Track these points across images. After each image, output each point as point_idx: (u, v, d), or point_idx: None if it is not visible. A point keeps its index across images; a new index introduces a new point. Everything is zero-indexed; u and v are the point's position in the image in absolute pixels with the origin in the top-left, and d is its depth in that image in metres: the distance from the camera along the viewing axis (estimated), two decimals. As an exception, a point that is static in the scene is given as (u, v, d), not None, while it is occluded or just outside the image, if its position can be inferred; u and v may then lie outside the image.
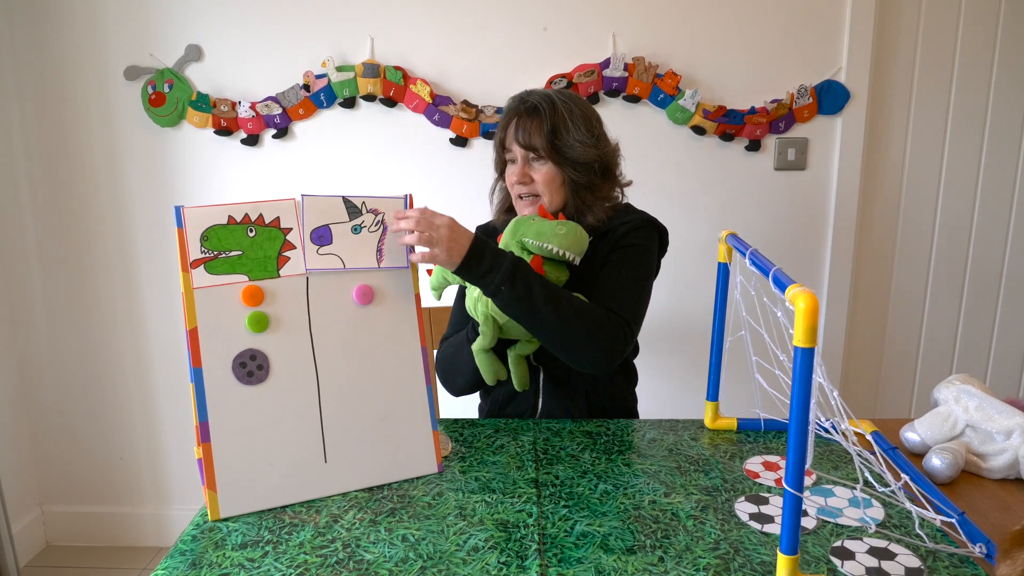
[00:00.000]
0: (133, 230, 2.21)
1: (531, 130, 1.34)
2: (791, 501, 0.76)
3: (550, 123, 1.34)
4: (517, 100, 1.39)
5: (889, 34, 2.10)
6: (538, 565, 0.88)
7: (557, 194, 1.38)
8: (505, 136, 1.38)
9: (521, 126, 1.35)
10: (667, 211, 1.68)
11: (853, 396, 2.33)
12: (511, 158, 1.39)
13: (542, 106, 1.35)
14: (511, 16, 2.05)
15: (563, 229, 1.23)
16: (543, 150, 1.34)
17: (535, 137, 1.34)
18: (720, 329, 1.21)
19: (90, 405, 2.33)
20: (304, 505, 1.02)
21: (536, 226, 1.25)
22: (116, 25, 2.07)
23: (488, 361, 1.30)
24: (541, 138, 1.34)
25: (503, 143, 1.40)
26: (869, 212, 2.21)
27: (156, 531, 2.41)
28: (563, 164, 1.36)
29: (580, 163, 1.36)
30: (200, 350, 1.00)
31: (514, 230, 1.28)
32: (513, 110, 1.38)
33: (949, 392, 1.20)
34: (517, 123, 1.36)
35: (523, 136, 1.35)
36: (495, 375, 1.31)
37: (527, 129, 1.34)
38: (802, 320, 0.71)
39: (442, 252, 1.12)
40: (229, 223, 1.03)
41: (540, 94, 1.38)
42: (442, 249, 1.12)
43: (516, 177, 1.37)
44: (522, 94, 1.41)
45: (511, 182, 1.39)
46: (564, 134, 1.34)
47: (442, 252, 1.12)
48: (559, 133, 1.34)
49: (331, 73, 2.05)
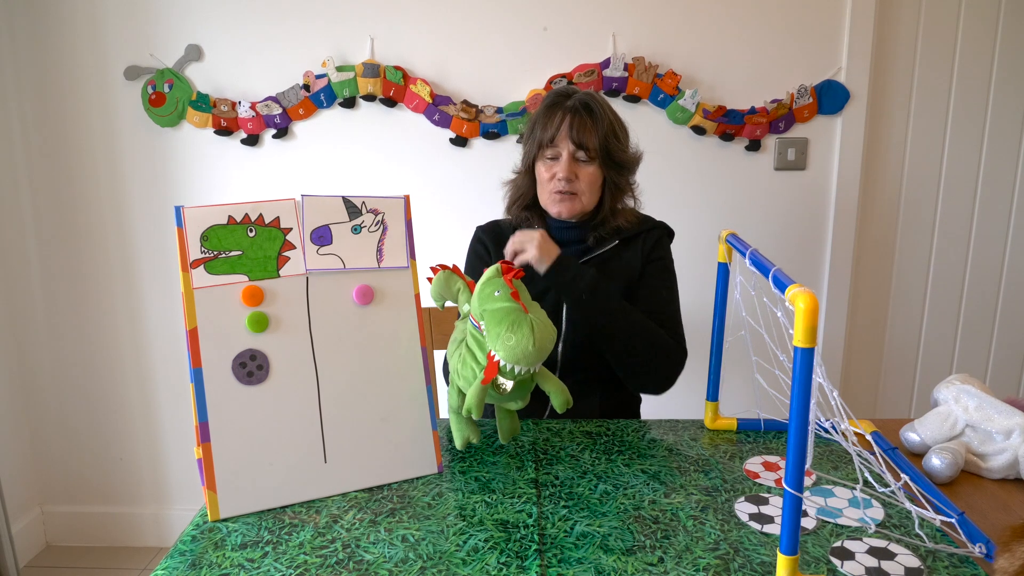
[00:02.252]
0: (133, 230, 2.21)
1: (586, 130, 1.35)
2: (791, 501, 0.76)
3: (606, 125, 1.36)
4: (562, 96, 1.39)
5: (889, 34, 2.10)
6: (538, 565, 0.88)
7: (595, 195, 1.41)
8: (556, 133, 1.37)
9: (576, 125, 1.35)
10: (667, 211, 1.68)
11: (853, 396, 2.33)
12: (554, 155, 1.39)
13: (595, 107, 1.36)
14: (511, 16, 2.05)
15: (512, 340, 0.99)
16: (594, 151, 1.36)
17: (590, 137, 1.35)
18: (720, 329, 1.21)
19: (90, 405, 2.33)
20: (304, 505, 1.02)
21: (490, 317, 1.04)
22: (116, 25, 2.07)
23: (458, 424, 1.14)
24: (595, 139, 1.36)
25: (550, 140, 1.38)
26: (869, 212, 2.21)
27: (156, 531, 2.41)
28: (609, 167, 1.39)
29: (624, 167, 1.41)
30: (200, 350, 1.00)
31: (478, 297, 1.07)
32: (562, 107, 1.37)
33: (949, 392, 1.20)
34: (572, 121, 1.36)
35: (577, 135, 1.35)
36: (464, 440, 1.14)
37: (582, 128, 1.35)
38: (802, 320, 0.71)
39: (533, 250, 1.30)
40: (229, 223, 1.03)
41: (586, 93, 1.39)
42: (533, 247, 1.30)
43: (564, 173, 1.36)
44: (565, 90, 1.41)
45: (551, 177, 1.39)
46: (613, 139, 1.37)
47: (533, 250, 1.30)
48: (611, 137, 1.37)
49: (331, 73, 2.05)
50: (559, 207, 1.40)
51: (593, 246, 1.44)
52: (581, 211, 1.42)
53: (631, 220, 1.45)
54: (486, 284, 1.06)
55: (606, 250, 1.43)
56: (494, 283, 1.05)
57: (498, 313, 1.02)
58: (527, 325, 1.00)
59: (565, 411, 1.08)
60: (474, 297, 1.08)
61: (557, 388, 1.08)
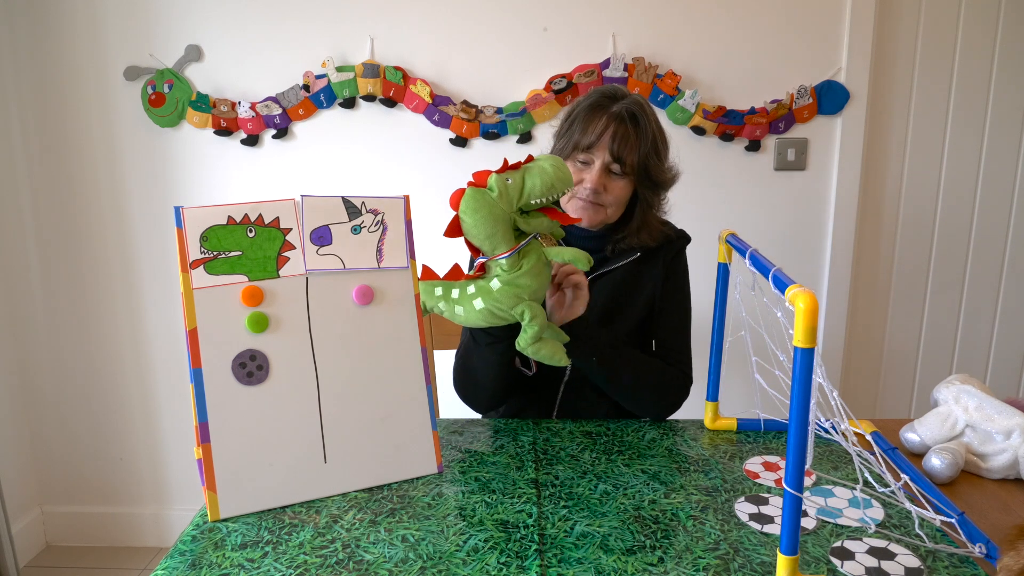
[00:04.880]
0: (133, 230, 2.21)
1: (628, 144, 1.26)
2: (791, 501, 0.76)
3: (649, 141, 1.27)
4: (608, 98, 1.29)
5: (889, 34, 2.10)
6: (538, 565, 0.88)
7: (622, 209, 1.33)
8: (595, 141, 1.27)
9: (619, 136, 1.26)
10: (667, 211, 1.68)
11: (853, 396, 2.33)
12: (587, 160, 1.29)
13: (642, 118, 1.27)
14: (511, 16, 2.05)
15: (546, 163, 1.07)
16: (631, 168, 1.27)
17: (630, 152, 1.26)
18: (720, 329, 1.21)
19: (90, 405, 2.33)
20: (304, 505, 1.02)
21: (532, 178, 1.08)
22: (116, 25, 2.07)
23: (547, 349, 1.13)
24: (636, 155, 1.26)
25: (588, 146, 1.27)
26: (869, 212, 2.21)
27: (156, 531, 2.41)
28: (644, 185, 1.30)
29: (659, 187, 1.33)
30: (200, 350, 1.00)
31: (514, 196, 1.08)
32: (607, 111, 1.27)
33: (949, 392, 1.20)
34: (615, 131, 1.26)
35: (618, 148, 1.26)
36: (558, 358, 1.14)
37: (624, 141, 1.26)
38: (802, 320, 0.71)
39: (581, 307, 1.20)
40: (229, 223, 1.03)
41: (634, 100, 1.29)
42: (582, 303, 1.20)
43: (593, 184, 1.27)
44: (612, 91, 1.31)
45: (578, 182, 1.29)
46: (654, 157, 1.28)
47: (581, 307, 1.20)
48: (652, 154, 1.28)
49: (331, 73, 2.05)
50: (582, 214, 1.31)
51: (611, 257, 1.37)
52: (603, 222, 1.34)
53: (654, 235, 1.36)
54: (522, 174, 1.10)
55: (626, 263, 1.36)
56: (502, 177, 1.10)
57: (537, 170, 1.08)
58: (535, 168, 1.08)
59: None
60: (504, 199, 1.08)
61: (572, 254, 1.08)
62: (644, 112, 1.28)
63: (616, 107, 1.27)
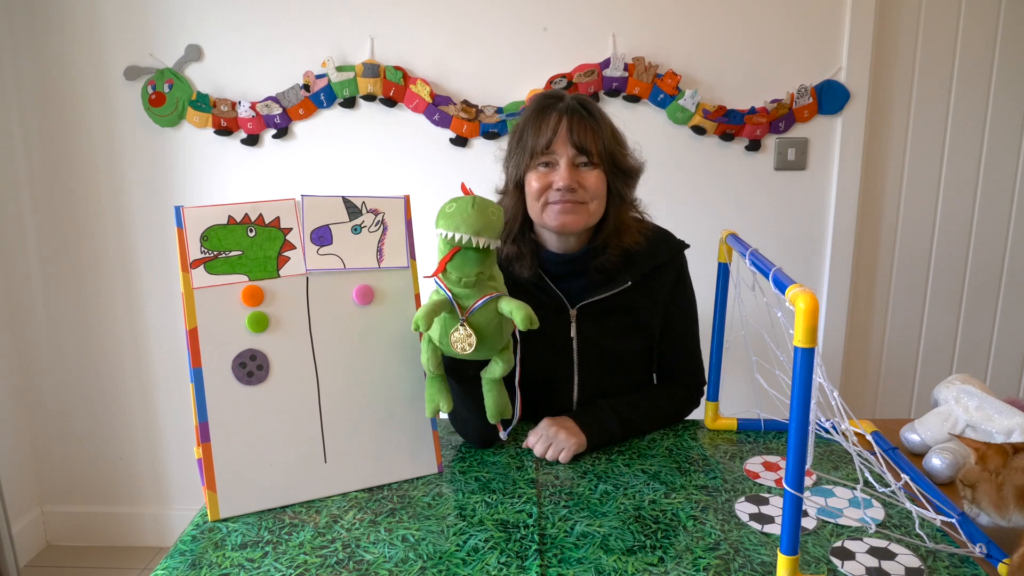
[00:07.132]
0: (133, 230, 2.21)
1: (587, 131, 1.22)
2: (791, 501, 0.76)
3: (608, 128, 1.25)
4: (552, 98, 1.26)
5: (889, 34, 2.09)
6: (538, 565, 0.88)
7: (603, 205, 1.26)
8: (552, 137, 1.22)
9: (576, 126, 1.22)
10: (667, 211, 1.68)
11: (853, 396, 2.33)
12: (551, 160, 1.23)
13: (593, 108, 1.25)
14: (511, 16, 2.05)
15: (452, 207, 1.02)
16: (598, 156, 1.23)
17: (592, 141, 1.22)
18: (720, 329, 1.21)
19: (90, 405, 2.33)
20: (304, 505, 1.02)
21: None
22: (116, 25, 2.07)
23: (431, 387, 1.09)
24: (598, 143, 1.23)
25: (545, 146, 1.22)
26: (869, 212, 2.21)
27: (156, 531, 2.41)
28: (614, 175, 1.26)
29: (629, 176, 1.29)
30: (200, 350, 1.00)
31: None
32: (555, 108, 1.23)
33: (949, 392, 1.20)
34: (570, 123, 1.22)
35: (578, 137, 1.21)
36: (434, 407, 1.09)
37: (583, 130, 1.22)
38: (802, 320, 0.71)
39: (569, 448, 1.16)
40: (229, 223, 1.03)
41: (580, 96, 1.27)
42: (568, 452, 1.16)
43: (565, 180, 1.20)
44: (553, 92, 1.29)
45: (546, 186, 1.23)
46: (617, 146, 1.26)
47: (569, 448, 1.16)
48: (614, 143, 1.25)
49: (331, 73, 2.05)
50: (563, 218, 1.22)
51: (600, 283, 1.29)
52: (587, 223, 1.25)
53: (639, 240, 1.29)
54: None
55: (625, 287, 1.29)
56: None
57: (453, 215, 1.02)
58: (468, 199, 1.03)
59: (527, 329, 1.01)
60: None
61: (518, 305, 1.02)
62: (592, 103, 1.27)
63: (563, 103, 1.24)
